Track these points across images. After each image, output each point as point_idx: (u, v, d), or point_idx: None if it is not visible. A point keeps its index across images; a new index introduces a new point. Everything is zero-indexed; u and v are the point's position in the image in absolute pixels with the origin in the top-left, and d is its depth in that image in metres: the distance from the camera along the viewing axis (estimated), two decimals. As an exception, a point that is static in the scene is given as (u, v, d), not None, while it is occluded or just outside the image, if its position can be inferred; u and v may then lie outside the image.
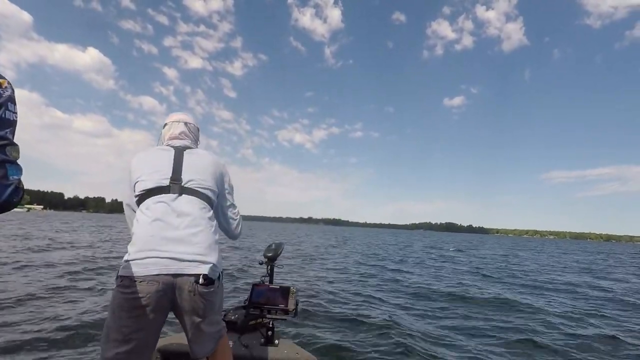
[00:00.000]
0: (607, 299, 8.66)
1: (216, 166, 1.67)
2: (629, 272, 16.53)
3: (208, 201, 1.56)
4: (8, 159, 0.88)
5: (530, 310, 6.93)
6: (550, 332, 5.52)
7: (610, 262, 23.65)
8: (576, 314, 6.67)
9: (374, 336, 5.17)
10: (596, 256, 30.88)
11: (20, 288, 6.01)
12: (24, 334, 3.94)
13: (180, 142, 1.73)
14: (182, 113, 1.91)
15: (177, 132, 1.78)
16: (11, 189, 0.87)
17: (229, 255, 13.73)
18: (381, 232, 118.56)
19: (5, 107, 0.88)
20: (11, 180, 0.88)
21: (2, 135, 0.87)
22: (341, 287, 8.70)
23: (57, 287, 6.31)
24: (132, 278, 1.30)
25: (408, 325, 5.81)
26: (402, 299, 7.79)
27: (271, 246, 2.52)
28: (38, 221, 34.88)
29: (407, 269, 13.24)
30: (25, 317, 4.54)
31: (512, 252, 29.07)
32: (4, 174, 0.86)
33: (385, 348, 4.74)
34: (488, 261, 18.73)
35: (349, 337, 5.04)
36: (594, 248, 62.85)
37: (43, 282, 6.60)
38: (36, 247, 12.06)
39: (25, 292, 5.72)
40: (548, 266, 17.59)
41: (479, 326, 5.79)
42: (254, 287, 2.23)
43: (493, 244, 50.73)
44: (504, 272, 13.45)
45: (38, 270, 7.82)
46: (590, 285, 10.89)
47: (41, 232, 19.42)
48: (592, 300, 8.30)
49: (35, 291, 5.82)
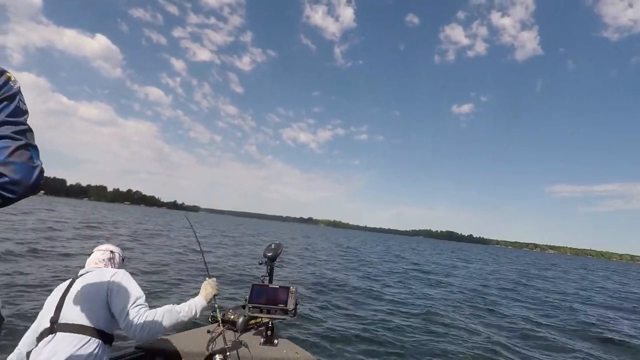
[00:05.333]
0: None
1: (100, 286, 1.62)
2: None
3: (91, 332, 1.52)
4: (32, 143, 0.94)
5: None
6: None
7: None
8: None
9: (374, 336, 5.16)
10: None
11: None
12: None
13: (88, 269, 1.77)
14: (113, 245, 2.01)
15: (92, 258, 1.87)
16: (38, 170, 0.92)
17: (229, 256, 13.71)
18: (380, 237, 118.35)
19: (19, 98, 0.94)
20: (36, 163, 0.93)
21: (22, 121, 0.93)
22: (341, 287, 8.68)
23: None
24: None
25: (409, 326, 5.81)
26: (402, 299, 7.76)
27: (271, 246, 2.51)
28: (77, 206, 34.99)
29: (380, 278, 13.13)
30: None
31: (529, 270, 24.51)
32: (30, 157, 0.91)
33: (385, 348, 4.73)
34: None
35: (349, 337, 5.02)
36: (617, 267, 59.00)
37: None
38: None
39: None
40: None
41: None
42: (254, 287, 2.22)
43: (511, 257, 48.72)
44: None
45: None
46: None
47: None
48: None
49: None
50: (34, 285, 5.63)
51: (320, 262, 14.88)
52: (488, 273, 18.61)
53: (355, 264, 15.53)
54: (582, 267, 42.49)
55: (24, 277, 6.05)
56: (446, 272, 16.36)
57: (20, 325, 3.74)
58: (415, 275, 13.74)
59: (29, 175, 0.89)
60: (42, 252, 8.63)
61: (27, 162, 0.90)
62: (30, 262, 7.46)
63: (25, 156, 0.90)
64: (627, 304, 12.15)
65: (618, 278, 27.54)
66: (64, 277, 6.27)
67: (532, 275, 20.77)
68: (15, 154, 0.88)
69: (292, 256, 15.34)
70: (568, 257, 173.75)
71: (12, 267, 6.66)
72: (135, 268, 7.94)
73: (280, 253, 2.49)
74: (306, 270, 11.35)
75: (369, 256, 21.56)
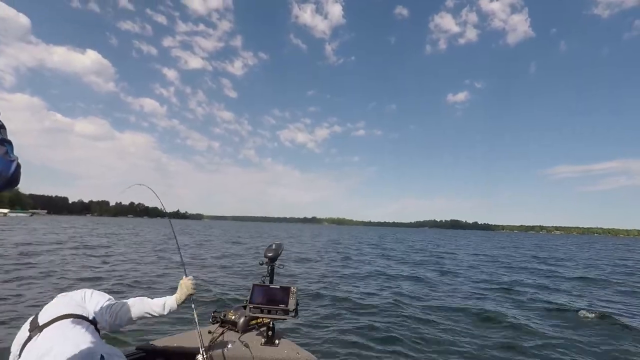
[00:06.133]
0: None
1: (72, 296, 1.68)
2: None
3: (73, 316, 1.54)
4: (6, 138, 0.96)
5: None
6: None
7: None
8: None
9: (375, 336, 5.13)
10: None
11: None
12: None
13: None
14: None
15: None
16: (15, 164, 0.93)
17: (228, 252, 13.71)
18: (385, 230, 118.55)
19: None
20: (12, 157, 0.94)
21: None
22: (341, 287, 8.66)
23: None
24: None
25: (409, 325, 5.78)
26: (400, 298, 7.73)
27: (271, 246, 2.50)
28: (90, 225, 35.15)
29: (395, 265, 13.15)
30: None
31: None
32: (6, 152, 0.93)
33: (385, 348, 4.70)
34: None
35: (349, 337, 4.99)
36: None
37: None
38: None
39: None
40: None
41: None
42: (255, 287, 2.20)
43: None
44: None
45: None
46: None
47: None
48: None
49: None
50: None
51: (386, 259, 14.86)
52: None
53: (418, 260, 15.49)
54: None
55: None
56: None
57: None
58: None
59: (6, 169, 0.91)
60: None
61: (3, 156, 0.92)
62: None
63: (2, 151, 0.92)
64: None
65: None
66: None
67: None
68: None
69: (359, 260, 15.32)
70: (574, 236, 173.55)
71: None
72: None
73: (280, 253, 2.49)
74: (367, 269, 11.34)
75: (409, 253, 21.52)
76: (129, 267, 10.28)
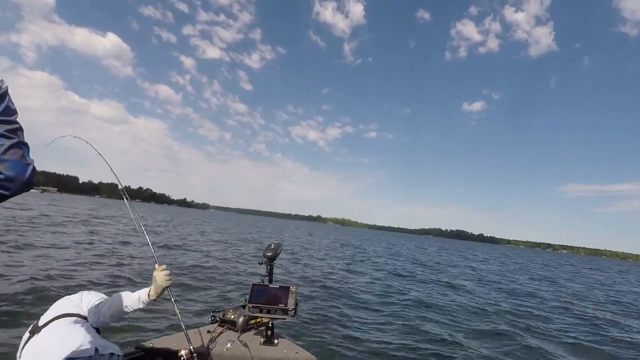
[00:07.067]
0: None
1: (71, 299, 1.77)
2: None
3: (70, 314, 1.64)
4: (24, 141, 0.97)
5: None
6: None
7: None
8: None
9: (374, 336, 5.12)
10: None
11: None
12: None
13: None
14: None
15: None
16: (31, 168, 0.95)
17: (227, 253, 13.77)
18: (388, 236, 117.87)
19: (7, 97, 0.96)
20: (29, 160, 0.95)
21: (13, 120, 0.96)
22: (341, 287, 8.64)
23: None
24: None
25: (409, 325, 5.76)
26: (400, 298, 7.69)
27: (270, 246, 2.52)
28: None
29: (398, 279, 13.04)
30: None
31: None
32: (23, 155, 0.94)
33: (385, 348, 4.69)
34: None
35: (349, 336, 5.00)
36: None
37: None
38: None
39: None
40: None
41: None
42: (254, 287, 2.22)
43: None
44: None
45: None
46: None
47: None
48: None
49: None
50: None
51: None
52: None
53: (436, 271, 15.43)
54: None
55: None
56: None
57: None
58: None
59: (22, 172, 0.92)
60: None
61: (20, 159, 0.93)
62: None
63: (19, 154, 0.93)
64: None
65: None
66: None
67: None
68: (9, 152, 0.91)
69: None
70: (581, 257, 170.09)
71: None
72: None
73: (279, 253, 2.50)
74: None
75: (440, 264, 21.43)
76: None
